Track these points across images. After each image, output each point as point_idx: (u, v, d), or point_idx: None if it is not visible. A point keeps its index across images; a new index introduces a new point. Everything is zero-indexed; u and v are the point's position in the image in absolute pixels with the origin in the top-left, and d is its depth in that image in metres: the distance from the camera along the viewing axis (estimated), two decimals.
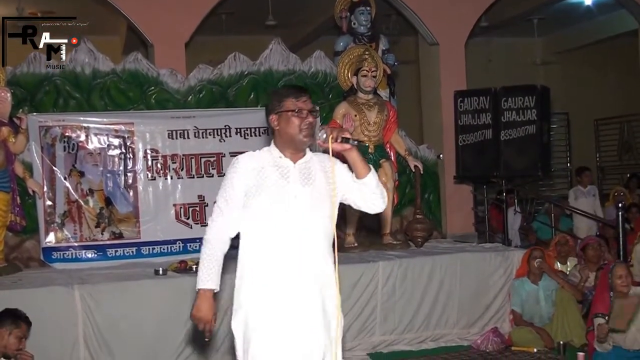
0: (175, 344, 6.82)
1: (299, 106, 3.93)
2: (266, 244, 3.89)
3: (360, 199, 4.04)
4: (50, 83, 8.12)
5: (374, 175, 3.94)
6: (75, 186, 7.80)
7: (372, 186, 3.93)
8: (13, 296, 6.31)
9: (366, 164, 3.93)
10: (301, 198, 3.91)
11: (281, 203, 3.89)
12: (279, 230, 3.88)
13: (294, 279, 3.87)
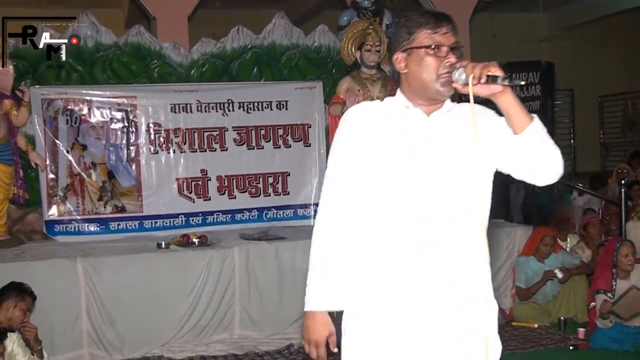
0: (178, 317, 6.88)
1: (437, 41, 2.82)
2: (385, 237, 2.84)
3: (522, 165, 2.76)
4: None
5: (539, 128, 2.69)
6: (78, 159, 7.80)
7: (535, 144, 2.68)
8: (16, 269, 6.36)
9: (526, 112, 2.69)
10: (435, 167, 2.81)
11: (404, 174, 2.82)
12: (401, 216, 2.81)
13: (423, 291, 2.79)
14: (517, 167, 2.79)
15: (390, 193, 2.83)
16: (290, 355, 6.75)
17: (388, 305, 2.83)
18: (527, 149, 2.68)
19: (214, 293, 7.00)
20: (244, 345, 6.96)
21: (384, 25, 8.88)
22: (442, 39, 2.80)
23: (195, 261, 7.05)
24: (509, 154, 2.77)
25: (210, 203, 8.15)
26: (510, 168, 2.81)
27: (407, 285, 2.80)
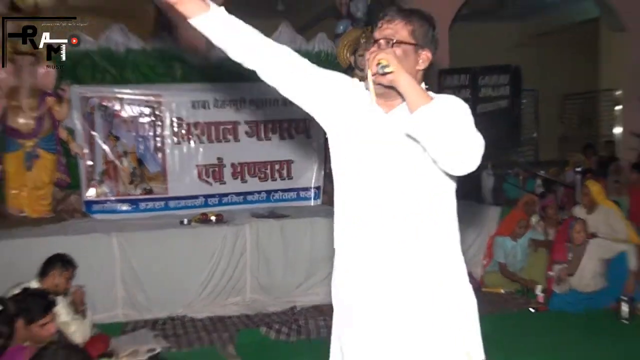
0: (198, 283, 6.98)
1: (373, 36, 2.67)
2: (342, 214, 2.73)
3: (428, 151, 2.39)
4: (88, 59, 8.15)
5: (431, 109, 2.29)
6: (112, 149, 7.85)
7: (426, 127, 2.30)
8: (60, 242, 6.40)
9: (424, 97, 2.34)
10: (385, 163, 2.58)
11: (359, 161, 2.65)
12: (345, 205, 2.71)
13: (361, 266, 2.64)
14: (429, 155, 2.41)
15: (343, 182, 2.72)
16: (293, 315, 6.82)
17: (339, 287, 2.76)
18: (419, 131, 2.34)
19: (228, 263, 7.09)
20: (254, 307, 7.05)
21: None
22: (376, 34, 2.63)
23: (213, 236, 7.13)
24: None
25: (225, 186, 8.20)
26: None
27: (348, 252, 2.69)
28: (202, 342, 6.08)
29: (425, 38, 2.61)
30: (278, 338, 6.16)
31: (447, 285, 2.63)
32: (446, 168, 2.40)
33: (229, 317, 6.80)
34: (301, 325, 6.40)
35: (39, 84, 7.34)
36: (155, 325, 6.51)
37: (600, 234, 7.25)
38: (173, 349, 5.88)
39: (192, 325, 6.57)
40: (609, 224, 7.46)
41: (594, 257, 7.01)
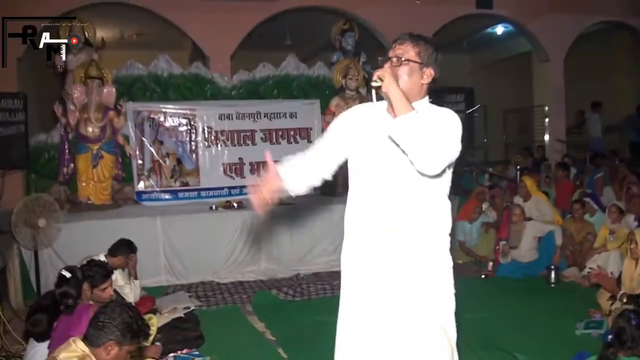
0: (223, 255, 6.96)
1: (388, 54, 2.54)
2: (353, 199, 2.69)
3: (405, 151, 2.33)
4: (140, 82, 8.17)
5: (407, 120, 2.25)
6: (157, 151, 7.80)
7: (401, 134, 2.27)
8: (117, 224, 6.46)
9: (406, 108, 2.26)
10: (380, 155, 2.51)
11: (366, 164, 2.58)
12: (356, 190, 2.65)
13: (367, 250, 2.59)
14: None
15: (354, 180, 2.65)
16: (298, 281, 6.78)
17: (348, 269, 2.72)
18: (394, 136, 2.30)
19: (246, 239, 7.04)
20: (267, 274, 7.02)
21: (361, 62, 8.87)
22: (390, 53, 2.55)
23: (235, 218, 7.09)
24: None
25: (245, 180, 8.08)
26: None
27: (356, 231, 2.65)
28: (226, 302, 6.05)
29: (429, 58, 2.56)
30: (286, 298, 6.12)
31: (433, 271, 2.54)
32: (418, 166, 2.32)
33: (247, 282, 6.77)
34: (304, 288, 6.37)
35: (103, 101, 7.33)
36: (190, 289, 6.46)
37: (533, 217, 7.22)
38: (204, 306, 5.86)
39: (218, 289, 6.54)
40: (540, 210, 7.45)
41: (529, 235, 6.99)
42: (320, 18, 11.47)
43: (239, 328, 5.35)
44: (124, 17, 11.18)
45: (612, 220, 6.61)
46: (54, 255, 6.15)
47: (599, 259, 6.15)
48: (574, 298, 5.92)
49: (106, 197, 7.34)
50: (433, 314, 2.51)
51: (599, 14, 12.76)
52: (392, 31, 10.96)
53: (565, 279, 6.58)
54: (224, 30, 10.03)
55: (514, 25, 12.78)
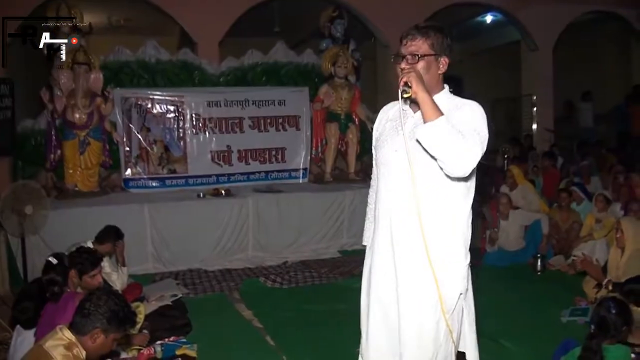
0: (211, 242, 7.00)
1: (399, 52, 2.57)
2: (377, 196, 2.70)
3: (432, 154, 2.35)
4: (128, 67, 8.08)
5: (436, 125, 2.26)
6: (145, 138, 7.73)
7: (430, 137, 2.28)
8: (105, 211, 6.45)
9: (434, 113, 2.28)
10: (401, 153, 2.49)
11: (384, 157, 2.62)
12: (381, 186, 2.65)
13: (382, 241, 2.63)
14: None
15: (378, 167, 2.69)
16: (285, 268, 6.78)
17: (371, 248, 2.73)
18: (425, 140, 2.30)
19: (234, 227, 7.06)
20: (255, 262, 7.02)
21: (350, 49, 8.85)
22: (401, 50, 2.54)
23: (222, 206, 7.10)
24: None
25: (232, 168, 8.09)
26: None
27: (380, 226, 2.63)
28: (213, 290, 6.06)
29: (441, 47, 2.54)
30: (273, 286, 6.14)
31: (443, 265, 2.50)
32: (445, 169, 2.35)
33: (235, 270, 6.77)
34: (292, 276, 6.39)
35: (91, 87, 7.27)
36: (177, 276, 6.47)
37: (520, 206, 7.25)
38: (191, 294, 5.85)
39: (205, 276, 6.54)
40: (526, 199, 7.50)
41: (516, 223, 7.03)
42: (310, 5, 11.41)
43: (226, 316, 5.35)
44: (112, 2, 11.08)
45: (599, 209, 6.65)
46: (41, 243, 6.14)
47: (585, 247, 6.19)
48: (560, 286, 5.96)
49: (93, 184, 7.31)
50: (434, 306, 2.51)
51: (588, 4, 12.79)
52: (381, 19, 11.00)
53: (551, 267, 6.63)
54: (212, 17, 9.95)
55: (503, 14, 12.78)
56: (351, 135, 8.32)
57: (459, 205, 2.54)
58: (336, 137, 8.29)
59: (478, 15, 14.00)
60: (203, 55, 9.19)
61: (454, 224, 2.53)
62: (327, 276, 6.40)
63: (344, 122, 8.28)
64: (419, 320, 2.52)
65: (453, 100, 2.56)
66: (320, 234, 7.48)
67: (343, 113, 8.27)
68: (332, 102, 8.17)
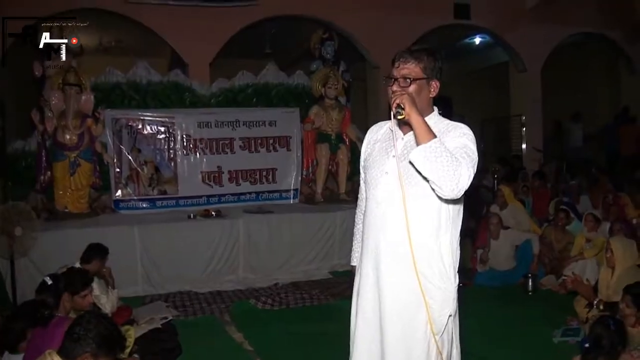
0: (201, 264, 6.94)
1: (391, 74, 2.56)
2: (365, 217, 2.70)
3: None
4: (119, 89, 8.10)
5: (427, 148, 2.27)
6: (135, 159, 7.73)
7: (423, 161, 2.28)
8: (95, 232, 6.37)
9: (427, 136, 2.29)
10: (392, 175, 2.53)
11: (374, 179, 2.63)
12: (369, 207, 2.64)
13: (372, 260, 2.62)
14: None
15: (367, 185, 2.68)
16: (276, 290, 6.73)
17: (360, 262, 2.71)
18: (418, 162, 2.29)
19: (225, 248, 7.03)
20: (245, 283, 6.97)
21: (340, 70, 8.90)
22: (393, 72, 2.55)
23: (213, 227, 7.07)
24: None
25: (223, 188, 8.09)
26: None
27: (367, 246, 2.64)
28: (204, 312, 5.99)
29: (433, 70, 2.57)
30: (264, 307, 6.08)
31: (431, 287, 2.52)
32: (437, 191, 2.36)
33: (225, 292, 6.70)
34: (282, 298, 6.34)
35: (81, 108, 7.27)
36: (167, 298, 6.40)
37: (510, 226, 7.27)
38: (182, 317, 5.80)
39: (196, 298, 6.47)
40: (516, 218, 7.52)
41: (507, 243, 7.03)
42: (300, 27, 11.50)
43: (217, 338, 5.30)
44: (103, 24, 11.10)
45: (589, 228, 6.68)
46: (31, 265, 6.09)
47: (575, 267, 6.20)
48: (551, 306, 5.96)
49: (83, 206, 7.27)
50: (424, 328, 2.53)
51: (576, 26, 12.96)
52: (371, 41, 11.10)
53: (542, 287, 6.62)
54: (203, 38, 10.00)
55: (492, 36, 12.92)
56: (342, 155, 8.34)
57: (449, 226, 2.55)
58: (327, 158, 8.30)
59: (467, 37, 14.15)
60: (194, 76, 9.22)
61: (444, 246, 2.54)
62: (319, 297, 6.37)
63: (334, 143, 8.30)
64: (409, 343, 2.53)
65: (442, 122, 2.59)
66: (311, 254, 7.46)
67: (334, 134, 8.29)
68: (322, 123, 8.19)
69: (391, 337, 2.54)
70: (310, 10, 10.72)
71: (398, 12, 11.08)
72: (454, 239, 2.58)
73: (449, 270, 2.55)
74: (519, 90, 13.25)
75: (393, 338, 2.54)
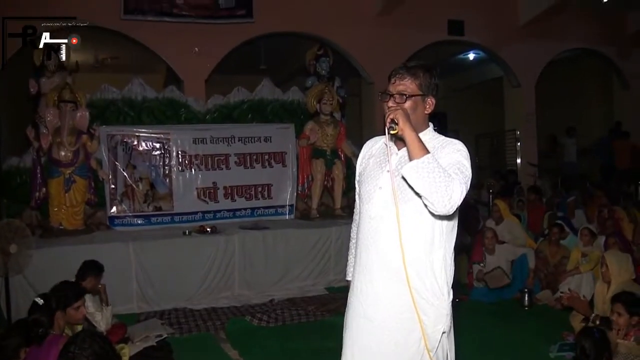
0: (196, 281, 6.89)
1: (387, 90, 2.58)
2: (359, 232, 2.68)
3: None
4: (114, 105, 8.10)
5: (419, 164, 2.26)
6: (130, 175, 7.71)
7: (415, 177, 2.28)
8: (89, 249, 6.34)
9: (420, 151, 2.30)
10: (386, 190, 2.54)
11: (368, 194, 2.62)
12: (362, 222, 2.64)
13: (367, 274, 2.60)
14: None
15: (361, 200, 2.68)
16: (271, 306, 6.69)
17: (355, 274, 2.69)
18: (411, 177, 2.29)
19: (220, 264, 6.99)
20: (241, 300, 6.93)
21: (335, 86, 8.92)
22: (389, 88, 2.56)
23: (208, 243, 7.04)
24: None
25: (218, 204, 8.07)
26: None
27: (359, 261, 2.62)
28: (199, 329, 5.94)
29: (429, 87, 2.57)
30: (259, 324, 6.05)
31: (424, 301, 2.52)
32: (429, 207, 2.34)
33: (221, 308, 6.65)
34: (278, 314, 6.30)
35: (77, 124, 7.24)
36: (162, 316, 6.35)
37: (506, 240, 7.27)
38: (177, 334, 5.76)
39: (191, 315, 6.42)
40: (512, 233, 7.52)
41: (502, 258, 7.01)
42: (295, 43, 11.56)
43: (212, 356, 5.27)
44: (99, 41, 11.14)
45: (584, 243, 6.68)
46: (25, 283, 6.04)
47: (571, 282, 6.20)
48: (548, 321, 5.96)
49: (78, 222, 7.24)
50: (417, 345, 2.52)
51: (569, 41, 13.07)
52: (365, 57, 11.16)
53: (538, 301, 6.62)
54: (198, 54, 10.04)
55: (485, 52, 13.01)
56: (337, 171, 8.34)
57: (442, 242, 2.54)
58: (322, 173, 8.30)
59: (461, 52, 14.25)
60: (189, 92, 9.25)
61: (437, 261, 2.52)
62: (314, 314, 6.34)
63: (329, 158, 8.31)
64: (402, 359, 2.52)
65: (437, 138, 2.59)
66: (306, 270, 7.44)
67: (329, 149, 8.30)
68: (317, 139, 8.20)
69: (384, 350, 2.53)
70: (305, 27, 10.79)
71: (392, 28, 11.16)
72: (447, 254, 2.56)
73: (442, 287, 2.52)
74: (513, 105, 13.33)
75: (385, 354, 2.52)
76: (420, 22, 11.41)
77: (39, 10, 8.02)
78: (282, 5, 10.46)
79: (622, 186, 11.34)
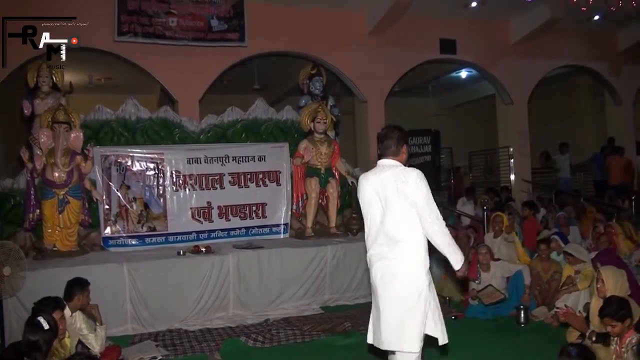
0: (191, 301, 6.84)
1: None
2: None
3: None
4: (108, 126, 8.07)
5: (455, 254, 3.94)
6: (124, 195, 7.69)
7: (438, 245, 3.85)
8: (83, 270, 6.22)
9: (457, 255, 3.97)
10: (381, 204, 3.96)
11: (369, 206, 4.04)
12: (367, 229, 4.08)
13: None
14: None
15: (364, 215, 4.07)
16: (267, 327, 6.64)
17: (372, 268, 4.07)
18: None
19: (215, 284, 6.95)
20: (236, 320, 6.89)
21: (328, 105, 8.94)
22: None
23: (203, 263, 7.00)
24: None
25: (213, 224, 8.05)
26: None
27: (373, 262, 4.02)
28: (194, 350, 5.87)
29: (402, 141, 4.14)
30: (255, 345, 5.99)
31: (412, 266, 3.87)
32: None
33: (216, 329, 6.60)
34: (274, 334, 6.25)
35: (71, 145, 7.22)
36: (157, 337, 6.30)
37: (502, 256, 7.26)
38: (171, 356, 5.69)
39: (186, 336, 6.36)
40: (509, 248, 7.50)
41: (498, 275, 7.00)
42: (288, 63, 11.62)
43: None
44: (93, 61, 11.18)
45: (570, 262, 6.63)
46: (19, 305, 5.99)
47: (568, 299, 6.18)
48: (544, 337, 5.93)
49: (72, 244, 7.19)
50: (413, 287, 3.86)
51: (560, 58, 13.19)
52: (359, 76, 11.20)
53: (534, 318, 6.60)
54: (192, 75, 10.08)
55: (478, 70, 13.09)
56: (331, 189, 8.34)
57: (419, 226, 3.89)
58: (316, 192, 8.29)
59: (453, 71, 14.34)
60: (183, 112, 9.26)
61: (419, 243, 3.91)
62: (310, 334, 6.29)
63: (324, 177, 8.31)
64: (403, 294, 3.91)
65: (402, 172, 3.90)
66: (302, 290, 7.40)
67: (323, 168, 8.30)
68: (312, 157, 8.21)
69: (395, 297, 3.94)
70: (297, 47, 10.86)
71: (385, 47, 11.24)
72: (420, 238, 3.90)
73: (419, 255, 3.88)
74: (506, 122, 13.39)
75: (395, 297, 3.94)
76: (412, 41, 11.49)
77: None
78: (275, 26, 10.53)
79: (616, 201, 11.36)
